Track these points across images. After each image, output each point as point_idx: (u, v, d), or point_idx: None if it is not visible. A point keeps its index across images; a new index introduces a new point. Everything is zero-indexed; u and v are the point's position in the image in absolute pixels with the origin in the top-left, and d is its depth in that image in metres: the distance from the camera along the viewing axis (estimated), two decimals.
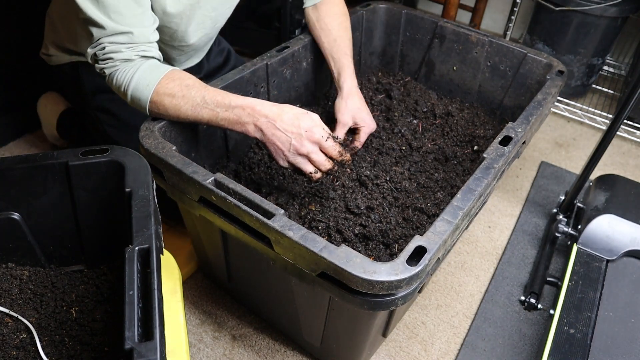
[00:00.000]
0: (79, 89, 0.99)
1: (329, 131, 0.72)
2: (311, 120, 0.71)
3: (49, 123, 1.24)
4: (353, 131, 0.95)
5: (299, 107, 0.73)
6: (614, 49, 1.72)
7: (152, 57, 0.76)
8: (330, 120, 1.03)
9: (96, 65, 0.76)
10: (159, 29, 0.82)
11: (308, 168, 0.73)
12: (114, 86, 0.76)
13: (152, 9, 0.79)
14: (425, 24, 1.14)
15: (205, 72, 1.09)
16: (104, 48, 0.73)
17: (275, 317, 0.90)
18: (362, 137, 0.93)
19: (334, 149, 0.72)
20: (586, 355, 0.82)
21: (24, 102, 1.29)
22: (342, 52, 0.96)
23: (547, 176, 1.34)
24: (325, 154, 0.73)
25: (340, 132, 0.91)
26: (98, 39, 0.73)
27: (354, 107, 0.92)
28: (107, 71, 0.75)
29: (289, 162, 0.73)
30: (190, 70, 1.04)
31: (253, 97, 0.94)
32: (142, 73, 0.73)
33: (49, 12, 0.98)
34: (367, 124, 0.93)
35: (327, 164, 0.73)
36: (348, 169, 0.84)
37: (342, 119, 0.91)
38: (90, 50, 0.74)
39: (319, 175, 0.74)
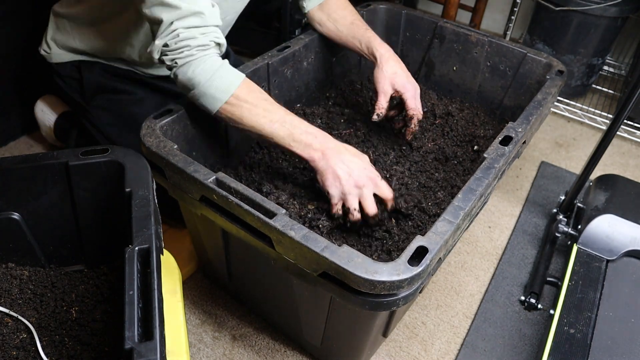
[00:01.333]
0: (79, 87, 0.98)
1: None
2: (368, 161, 0.75)
3: (46, 127, 1.24)
4: (400, 105, 0.94)
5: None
6: (614, 49, 1.72)
7: (223, 44, 0.75)
8: (334, 118, 1.03)
9: (165, 57, 0.72)
10: None
11: (354, 204, 0.73)
12: (186, 77, 0.72)
13: None
14: (425, 24, 1.14)
15: None
16: (178, 35, 0.69)
17: (275, 317, 0.90)
18: (411, 104, 0.91)
19: (388, 189, 0.74)
20: (586, 355, 0.82)
21: (24, 102, 1.29)
22: (363, 30, 0.96)
23: (547, 176, 1.34)
24: (378, 194, 0.74)
25: (383, 102, 0.91)
26: (170, 24, 0.69)
27: (391, 73, 0.91)
28: (180, 61, 0.71)
29: (342, 192, 0.73)
30: None
31: None
32: (223, 72, 0.72)
33: (56, 9, 0.97)
34: (408, 89, 0.91)
35: (373, 207, 0.73)
36: None
37: (381, 88, 0.90)
38: (159, 42, 0.70)
39: (358, 215, 0.74)
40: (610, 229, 0.98)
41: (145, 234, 0.56)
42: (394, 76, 0.91)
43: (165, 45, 0.70)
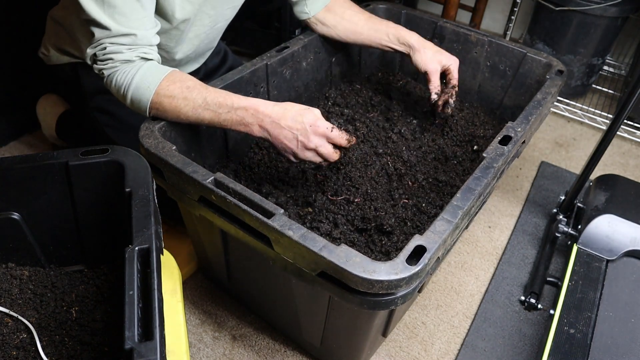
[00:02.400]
0: (77, 89, 0.99)
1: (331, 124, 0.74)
2: (314, 115, 0.72)
3: (48, 125, 1.24)
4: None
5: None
6: (614, 49, 1.72)
7: (152, 60, 0.76)
8: (334, 118, 1.04)
9: (95, 65, 0.76)
10: (162, 35, 0.82)
11: (317, 160, 0.74)
12: (113, 88, 0.76)
13: (161, 14, 0.80)
14: (425, 24, 1.14)
15: (203, 73, 1.09)
16: (104, 48, 0.73)
17: (275, 316, 0.90)
18: (455, 74, 0.97)
19: (342, 137, 0.73)
20: (586, 355, 0.82)
21: (24, 102, 1.29)
22: (384, 23, 0.99)
23: (547, 176, 1.34)
24: (334, 144, 0.74)
25: (437, 80, 0.95)
26: (99, 40, 0.73)
27: (435, 53, 0.96)
28: (106, 72, 0.75)
29: (297, 158, 0.74)
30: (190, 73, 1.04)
31: (253, 97, 0.94)
32: (142, 74, 0.73)
33: (52, 13, 0.98)
34: (453, 61, 0.96)
35: (334, 156, 0.74)
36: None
37: (431, 68, 0.95)
38: (90, 51, 0.74)
39: (324, 164, 0.76)
40: (610, 229, 0.98)
41: (145, 234, 0.56)
42: (438, 54, 0.96)
43: (94, 55, 0.74)
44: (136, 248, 0.55)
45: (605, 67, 1.72)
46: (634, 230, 0.97)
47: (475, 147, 0.98)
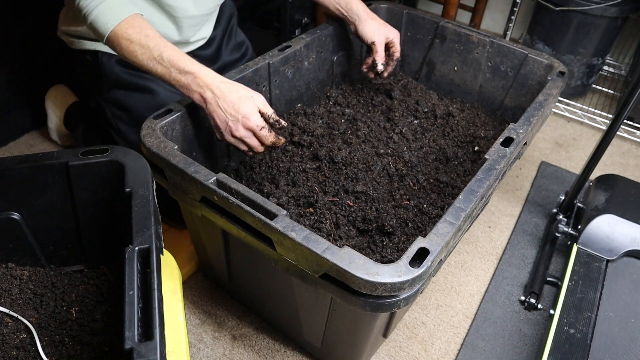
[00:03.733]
0: (97, 79, 0.96)
1: (269, 114, 0.76)
2: (252, 107, 0.74)
3: (56, 116, 1.24)
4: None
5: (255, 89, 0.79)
6: (614, 49, 1.72)
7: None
8: (335, 118, 1.03)
9: (79, 5, 0.74)
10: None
11: (242, 147, 0.77)
12: (76, 5, 0.74)
13: None
14: (426, 24, 1.14)
15: (221, 64, 1.07)
16: None
17: (275, 317, 0.90)
18: (398, 47, 1.03)
19: (267, 138, 0.77)
20: (586, 355, 0.82)
21: (24, 102, 1.28)
22: None
23: (547, 176, 1.34)
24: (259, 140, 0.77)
25: (382, 50, 0.99)
26: None
27: (380, 25, 1.00)
28: (87, 10, 0.74)
29: (224, 139, 0.77)
30: (205, 59, 1.01)
31: None
32: (104, 8, 0.73)
33: None
34: (396, 34, 1.02)
35: (259, 148, 0.78)
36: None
37: (378, 39, 0.99)
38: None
39: (251, 153, 0.79)
40: (610, 229, 0.98)
41: (145, 234, 0.56)
42: (383, 27, 1.00)
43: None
44: (136, 248, 0.55)
45: (605, 67, 1.73)
46: (634, 230, 0.97)
47: (476, 148, 0.98)
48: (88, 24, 0.75)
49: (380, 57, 0.99)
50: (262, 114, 0.76)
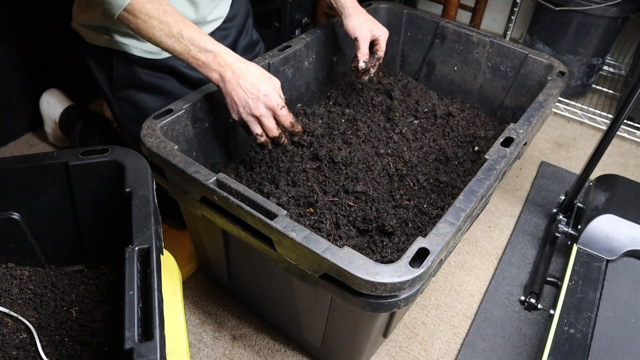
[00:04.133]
0: (109, 76, 0.95)
1: (284, 102, 0.76)
2: (272, 87, 0.74)
3: (50, 120, 1.24)
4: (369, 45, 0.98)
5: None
6: (614, 49, 1.72)
7: None
8: (335, 118, 1.03)
9: None
10: None
11: (256, 129, 0.76)
12: None
13: None
14: (426, 24, 1.14)
15: None
16: None
17: (275, 317, 0.90)
18: (383, 46, 0.98)
19: (287, 118, 0.77)
20: (586, 355, 0.82)
21: (24, 102, 1.28)
22: None
23: (547, 176, 1.34)
24: (278, 121, 0.76)
25: (365, 47, 0.95)
26: None
27: (367, 21, 0.96)
28: None
29: (240, 118, 0.76)
30: None
31: None
32: None
33: None
34: (383, 32, 0.98)
35: (275, 131, 0.77)
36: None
37: (362, 35, 0.95)
38: None
39: (264, 139, 0.78)
40: (610, 229, 0.98)
41: (145, 234, 0.56)
42: (371, 23, 0.96)
43: None
44: (136, 248, 0.55)
45: (605, 67, 1.73)
46: (634, 230, 0.97)
47: (476, 148, 0.98)
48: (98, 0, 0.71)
49: (362, 54, 0.96)
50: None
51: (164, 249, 0.62)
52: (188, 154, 0.82)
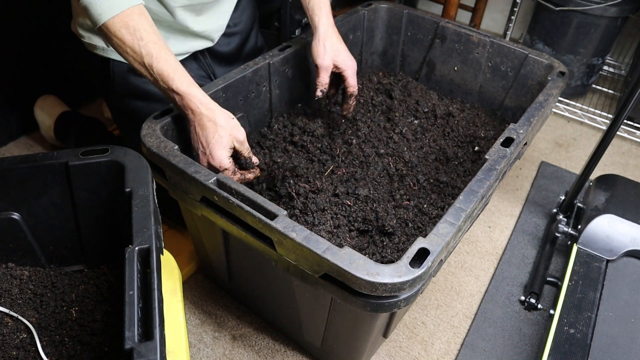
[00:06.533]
0: (107, 83, 0.94)
1: (245, 154, 0.76)
2: (221, 148, 0.73)
3: (45, 126, 1.24)
4: (337, 76, 0.92)
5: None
6: (614, 49, 1.72)
7: None
8: (335, 118, 1.03)
9: None
10: None
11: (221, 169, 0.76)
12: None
13: None
14: (426, 24, 1.14)
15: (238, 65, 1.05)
16: None
17: (275, 317, 0.90)
18: (352, 81, 0.91)
19: (229, 180, 0.75)
20: (586, 355, 0.82)
21: (24, 102, 1.28)
22: None
23: (547, 176, 1.34)
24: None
25: (325, 77, 0.89)
26: None
27: (333, 50, 0.89)
28: None
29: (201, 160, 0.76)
30: (222, 56, 0.97)
31: (255, 96, 0.94)
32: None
33: None
34: (349, 66, 0.90)
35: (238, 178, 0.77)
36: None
37: (322, 64, 0.88)
38: None
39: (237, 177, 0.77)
40: (610, 229, 0.98)
41: (145, 234, 0.56)
42: (337, 53, 0.89)
43: None
44: (136, 248, 0.55)
45: (605, 67, 1.73)
46: (634, 230, 0.97)
47: (476, 148, 0.98)
48: (82, 7, 0.69)
49: (320, 83, 0.89)
50: (236, 151, 0.75)
51: (164, 249, 0.62)
52: (188, 154, 0.82)
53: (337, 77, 0.93)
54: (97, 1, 0.68)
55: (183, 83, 0.72)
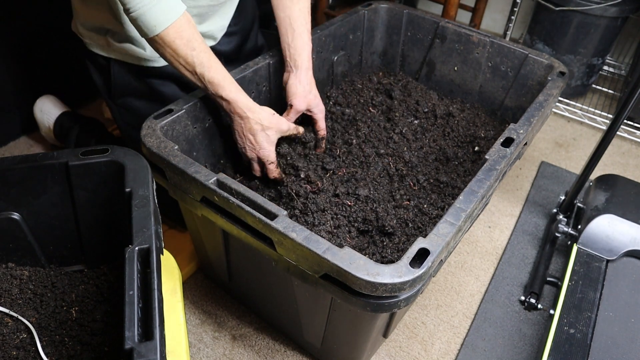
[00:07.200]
0: (108, 83, 0.94)
1: (293, 132, 0.84)
2: (268, 141, 0.81)
3: (45, 127, 1.24)
4: (305, 116, 0.92)
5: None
6: (614, 49, 1.72)
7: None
8: (335, 118, 1.03)
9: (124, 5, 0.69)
10: None
11: (253, 165, 0.86)
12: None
13: None
14: (426, 24, 1.13)
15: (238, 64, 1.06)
16: None
17: (275, 317, 0.90)
18: (322, 125, 0.92)
19: (272, 172, 0.85)
20: (586, 355, 0.82)
21: (24, 102, 1.28)
22: (302, 27, 0.88)
23: (547, 176, 1.34)
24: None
25: (293, 118, 0.88)
26: None
27: (308, 93, 0.88)
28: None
29: (242, 154, 0.85)
30: (222, 55, 0.97)
31: (255, 97, 0.94)
32: (153, 6, 0.68)
33: None
34: (321, 110, 0.91)
35: (258, 174, 0.87)
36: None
37: (297, 106, 0.87)
38: None
39: (257, 174, 0.87)
40: (610, 229, 0.98)
41: (145, 234, 0.56)
42: (312, 98, 0.89)
43: None
44: (136, 248, 0.55)
45: (605, 67, 1.73)
46: (634, 230, 0.97)
47: (476, 148, 0.98)
48: (132, 18, 0.69)
49: (289, 121, 0.88)
50: (288, 136, 0.85)
51: (164, 249, 0.62)
52: (188, 154, 0.82)
53: (305, 119, 0.93)
54: (150, 12, 0.69)
55: (232, 90, 0.77)
